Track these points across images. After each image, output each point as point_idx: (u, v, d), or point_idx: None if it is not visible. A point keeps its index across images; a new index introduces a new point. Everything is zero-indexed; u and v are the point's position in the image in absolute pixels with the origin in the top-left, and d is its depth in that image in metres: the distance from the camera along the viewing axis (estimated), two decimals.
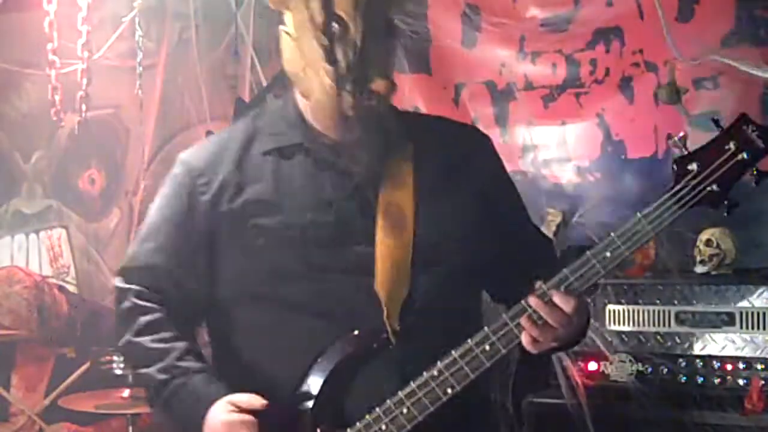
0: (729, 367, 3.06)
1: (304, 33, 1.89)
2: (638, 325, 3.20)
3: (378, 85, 1.86)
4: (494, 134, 3.95)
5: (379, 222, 1.91)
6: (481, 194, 2.00)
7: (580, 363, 3.23)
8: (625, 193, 3.65)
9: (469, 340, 1.85)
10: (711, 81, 3.49)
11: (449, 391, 1.84)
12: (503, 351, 1.85)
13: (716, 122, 1.90)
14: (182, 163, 2.04)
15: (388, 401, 1.85)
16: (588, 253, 1.85)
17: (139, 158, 4.98)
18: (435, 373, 1.84)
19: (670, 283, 3.18)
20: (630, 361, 3.19)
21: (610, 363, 3.21)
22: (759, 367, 3.01)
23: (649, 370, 3.17)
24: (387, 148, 1.94)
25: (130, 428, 3.78)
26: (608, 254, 1.84)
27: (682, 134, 1.90)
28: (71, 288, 5.13)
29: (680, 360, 3.13)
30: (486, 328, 1.85)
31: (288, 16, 1.96)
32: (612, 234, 1.85)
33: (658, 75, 3.61)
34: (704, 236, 3.24)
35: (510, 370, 3.36)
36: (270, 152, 1.98)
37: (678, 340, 3.14)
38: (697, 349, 3.12)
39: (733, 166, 1.89)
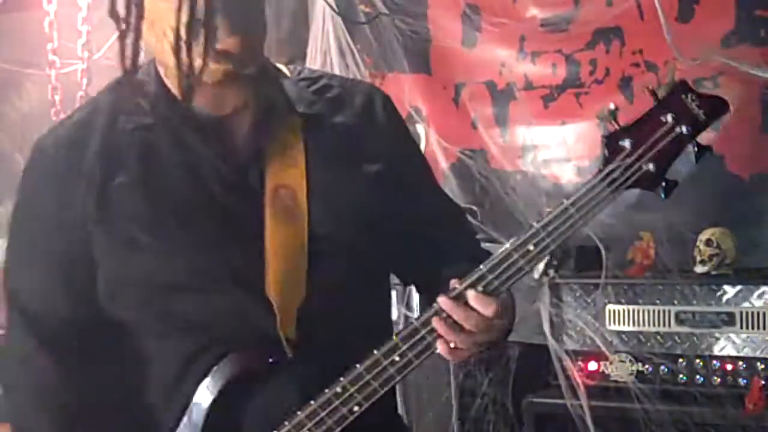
0: (729, 366, 3.05)
1: None
2: (638, 325, 3.20)
3: (226, 43, 1.55)
4: (494, 134, 3.95)
5: (268, 211, 1.63)
6: (381, 164, 1.73)
7: (580, 363, 3.23)
8: (625, 192, 3.64)
9: (375, 351, 1.61)
10: (711, 81, 3.49)
11: (356, 409, 1.61)
12: (416, 362, 1.61)
13: (652, 93, 1.66)
14: (39, 150, 1.75)
15: (286, 424, 1.61)
16: (507, 246, 1.61)
17: None
18: (339, 389, 1.61)
19: (670, 283, 3.18)
20: (630, 361, 3.18)
21: (610, 363, 3.20)
22: (759, 366, 3.01)
23: (649, 370, 3.16)
24: (269, 119, 1.68)
25: None
26: (531, 248, 1.60)
27: (612, 106, 1.68)
28: None
29: (680, 360, 3.13)
30: (395, 337, 1.62)
31: None
32: (534, 224, 1.62)
33: (658, 75, 3.61)
34: (704, 236, 3.24)
35: (510, 369, 3.36)
36: (134, 131, 1.66)
37: (678, 340, 3.14)
38: (698, 349, 3.11)
39: (671, 141, 1.69)
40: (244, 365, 1.61)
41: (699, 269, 3.22)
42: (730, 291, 3.07)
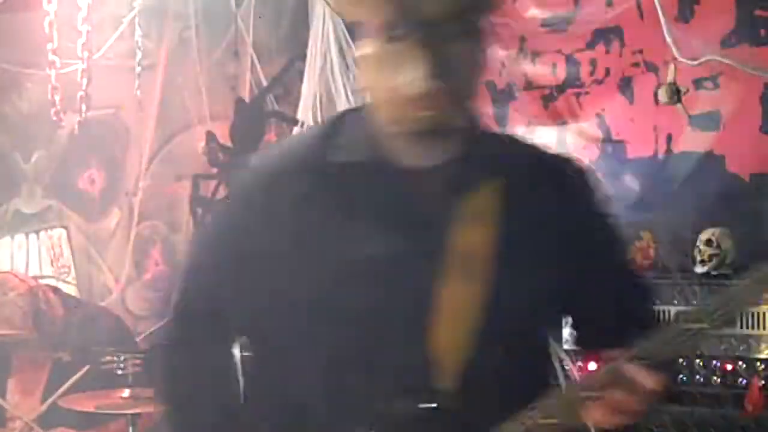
0: (729, 366, 3.05)
1: (379, 41, 1.61)
2: None
3: (431, 92, 1.57)
4: None
5: (448, 268, 1.62)
6: (572, 239, 1.70)
7: (580, 363, 3.23)
8: (625, 193, 3.65)
9: (529, 410, 1.58)
10: (711, 81, 3.49)
11: None
12: (570, 425, 1.58)
13: None
14: (248, 168, 1.81)
15: None
16: (675, 323, 1.59)
17: (139, 158, 4.98)
18: None
19: (670, 283, 3.18)
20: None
21: None
22: (759, 367, 3.01)
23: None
24: (474, 178, 1.67)
25: (131, 428, 3.78)
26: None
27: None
28: (71, 288, 5.13)
29: (680, 359, 3.13)
30: (553, 398, 1.60)
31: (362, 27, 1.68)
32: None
33: (658, 75, 3.61)
34: (704, 236, 3.24)
35: None
36: (335, 165, 1.68)
37: None
38: (697, 349, 3.11)
39: None
40: (404, 411, 1.61)
41: (699, 269, 3.22)
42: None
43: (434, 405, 1.61)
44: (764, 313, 3.01)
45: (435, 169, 1.66)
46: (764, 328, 3.01)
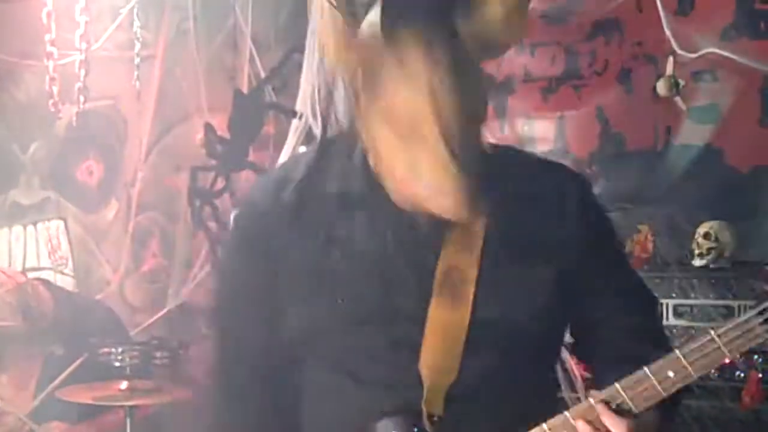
0: (727, 360, 3.05)
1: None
2: None
3: None
4: (493, 126, 3.95)
5: (435, 290, 1.64)
6: (566, 262, 1.67)
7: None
8: (624, 185, 3.65)
9: None
10: (710, 74, 3.49)
11: None
12: None
13: None
14: (244, 205, 1.84)
15: None
16: (646, 369, 1.55)
17: (137, 149, 4.97)
18: None
19: (668, 277, 3.18)
20: None
21: None
22: (757, 360, 3.01)
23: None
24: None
25: (128, 420, 3.78)
26: (671, 374, 1.55)
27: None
28: (68, 280, 5.13)
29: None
30: (544, 425, 1.60)
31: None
32: (677, 351, 1.57)
33: (657, 67, 3.61)
34: (702, 229, 3.24)
35: None
36: (329, 196, 1.71)
37: (676, 333, 3.14)
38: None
39: None
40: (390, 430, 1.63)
41: (697, 262, 3.22)
42: (728, 284, 3.07)
43: (422, 427, 1.61)
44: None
45: None
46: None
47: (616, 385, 1.55)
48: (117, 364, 3.92)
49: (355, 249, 1.67)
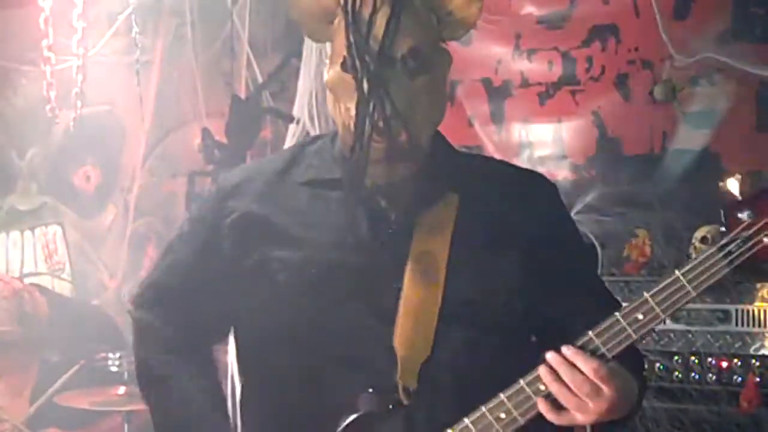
0: (724, 364, 3.06)
1: (335, 65, 1.70)
2: None
3: (390, 124, 1.66)
4: (490, 131, 3.96)
5: (408, 272, 1.73)
6: (532, 249, 1.76)
7: None
8: (621, 189, 3.65)
9: (482, 406, 1.64)
10: (707, 78, 3.49)
11: None
12: (521, 421, 1.63)
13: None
14: (215, 184, 1.93)
15: None
16: (617, 314, 1.62)
17: (134, 155, 4.97)
18: None
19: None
20: None
21: None
22: (754, 364, 3.01)
23: (645, 367, 3.16)
24: (430, 195, 1.78)
25: (126, 426, 3.77)
26: (640, 317, 1.61)
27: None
28: (66, 285, 5.12)
29: (675, 357, 3.13)
30: (501, 394, 1.64)
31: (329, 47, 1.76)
32: (645, 294, 1.62)
33: (654, 72, 3.62)
34: (700, 233, 3.24)
35: None
36: (306, 183, 1.81)
37: (673, 338, 3.14)
38: (693, 347, 3.12)
39: None
40: (367, 408, 1.70)
41: None
42: (725, 289, 3.07)
43: (397, 402, 1.69)
44: (759, 311, 3.01)
45: (393, 186, 1.75)
46: (759, 325, 3.02)
47: (589, 332, 1.62)
48: (114, 369, 3.93)
49: (331, 233, 1.76)
